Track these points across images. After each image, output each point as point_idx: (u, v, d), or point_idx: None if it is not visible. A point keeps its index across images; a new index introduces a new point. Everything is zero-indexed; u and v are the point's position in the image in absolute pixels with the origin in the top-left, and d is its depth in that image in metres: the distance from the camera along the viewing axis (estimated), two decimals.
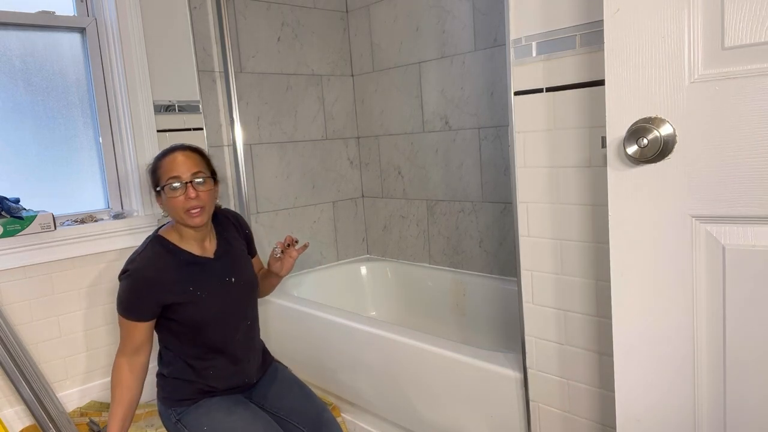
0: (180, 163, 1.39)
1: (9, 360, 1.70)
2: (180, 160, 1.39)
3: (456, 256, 2.37)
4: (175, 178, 1.37)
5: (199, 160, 1.43)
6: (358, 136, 2.72)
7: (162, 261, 1.41)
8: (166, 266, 1.40)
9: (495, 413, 1.46)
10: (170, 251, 1.43)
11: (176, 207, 1.38)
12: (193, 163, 1.41)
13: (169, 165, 1.39)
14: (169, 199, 1.38)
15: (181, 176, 1.38)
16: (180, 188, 1.37)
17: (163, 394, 1.51)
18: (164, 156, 1.43)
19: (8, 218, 1.72)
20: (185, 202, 1.37)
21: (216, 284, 1.47)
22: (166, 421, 1.50)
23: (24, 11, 1.86)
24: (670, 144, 0.86)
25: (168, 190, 1.37)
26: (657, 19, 0.85)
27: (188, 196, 1.37)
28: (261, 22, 2.34)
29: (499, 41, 2.03)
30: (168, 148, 1.46)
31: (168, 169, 1.39)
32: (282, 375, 1.64)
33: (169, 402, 1.49)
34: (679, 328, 0.91)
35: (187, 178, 1.38)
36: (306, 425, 1.52)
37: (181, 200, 1.37)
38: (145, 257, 1.41)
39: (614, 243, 0.95)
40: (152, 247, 1.43)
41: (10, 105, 1.86)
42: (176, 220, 1.43)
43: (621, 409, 1.00)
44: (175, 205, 1.38)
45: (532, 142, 1.26)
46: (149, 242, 1.45)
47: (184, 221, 1.40)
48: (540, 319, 1.33)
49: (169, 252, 1.43)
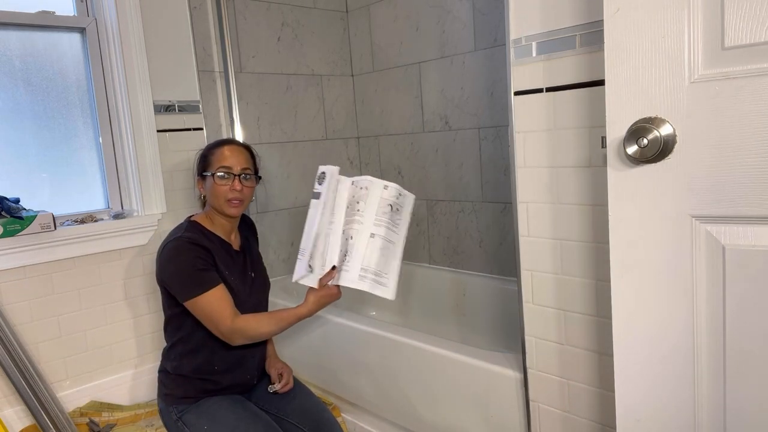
0: (234, 155, 1.49)
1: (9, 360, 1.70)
2: (234, 153, 1.50)
3: (456, 256, 2.37)
4: (226, 168, 1.47)
5: (249, 157, 1.54)
6: (358, 136, 2.72)
7: (204, 240, 1.46)
8: (207, 244, 1.45)
9: (495, 413, 1.46)
10: (206, 235, 1.49)
11: (219, 194, 1.46)
12: (245, 158, 1.51)
13: (223, 155, 1.49)
14: (216, 186, 1.46)
15: (232, 168, 1.47)
16: (228, 178, 1.46)
17: (164, 392, 1.51)
18: (219, 145, 1.52)
19: (8, 218, 1.72)
20: (229, 192, 1.46)
21: (241, 275, 1.53)
22: (166, 419, 1.50)
23: (24, 11, 1.86)
24: (670, 144, 0.86)
25: (217, 178, 1.46)
26: (657, 19, 0.85)
27: (233, 188, 1.46)
28: (261, 22, 2.34)
29: (499, 41, 2.03)
30: (222, 139, 1.58)
31: (221, 158, 1.48)
32: None
33: (171, 400, 1.49)
34: (679, 328, 0.91)
35: (237, 171, 1.48)
36: (306, 425, 1.52)
37: (225, 189, 1.46)
38: (189, 232, 1.45)
39: (614, 243, 0.95)
40: (190, 229, 1.48)
41: (10, 105, 1.86)
42: (214, 207, 1.50)
43: (621, 409, 1.00)
44: (219, 192, 1.46)
45: (532, 142, 1.26)
46: (186, 226, 1.49)
47: (222, 209, 1.47)
48: (540, 319, 1.33)
49: (206, 235, 1.49)
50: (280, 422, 1.51)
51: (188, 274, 1.39)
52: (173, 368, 1.50)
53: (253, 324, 1.40)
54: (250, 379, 1.57)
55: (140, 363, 2.08)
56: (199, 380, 1.48)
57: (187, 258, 1.39)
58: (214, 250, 1.46)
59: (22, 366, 1.73)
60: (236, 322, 1.38)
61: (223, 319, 1.38)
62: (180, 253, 1.41)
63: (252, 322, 1.41)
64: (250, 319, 1.41)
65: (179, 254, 1.41)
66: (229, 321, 1.38)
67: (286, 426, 1.52)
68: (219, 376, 1.49)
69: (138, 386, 2.06)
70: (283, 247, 2.47)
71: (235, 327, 1.38)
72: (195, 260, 1.39)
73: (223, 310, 1.38)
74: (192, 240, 1.42)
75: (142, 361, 2.08)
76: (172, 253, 1.42)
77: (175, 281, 1.41)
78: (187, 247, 1.40)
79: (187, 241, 1.42)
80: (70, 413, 1.89)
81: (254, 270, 1.59)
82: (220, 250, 1.49)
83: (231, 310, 1.39)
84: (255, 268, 1.60)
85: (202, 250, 1.41)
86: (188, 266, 1.39)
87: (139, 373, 2.07)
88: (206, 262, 1.41)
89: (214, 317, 1.38)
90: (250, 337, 1.41)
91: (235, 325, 1.38)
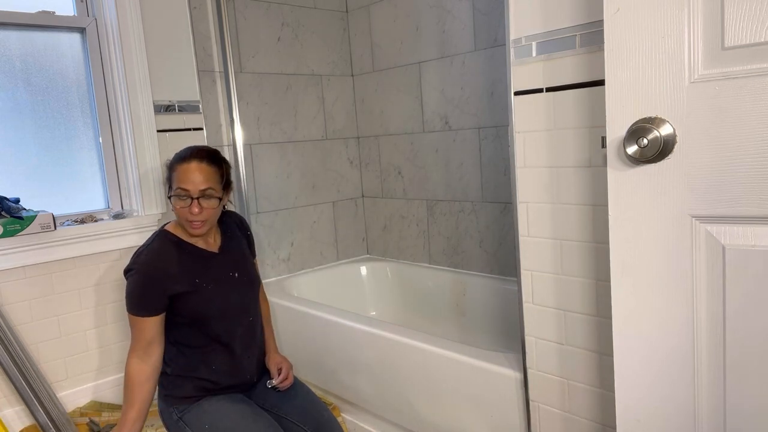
0: (193, 175, 1.40)
1: (9, 360, 1.70)
2: (193, 173, 1.40)
3: (456, 256, 2.37)
4: (184, 190, 1.40)
5: (212, 174, 1.43)
6: (358, 136, 2.72)
7: (168, 253, 1.45)
8: (172, 258, 1.45)
9: (495, 413, 1.46)
10: (176, 244, 1.48)
11: (180, 215, 1.44)
12: (205, 178, 1.41)
13: (183, 175, 1.41)
14: (175, 206, 1.43)
15: (190, 191, 1.40)
16: (186, 200, 1.41)
17: (164, 392, 1.51)
18: (181, 161, 1.43)
19: (8, 218, 1.72)
20: (189, 215, 1.41)
21: (220, 277, 1.51)
22: (167, 419, 1.50)
23: (24, 11, 1.86)
24: (670, 144, 0.86)
25: (175, 199, 1.43)
26: (657, 18, 0.85)
27: (191, 211, 1.40)
28: (261, 22, 2.34)
29: (499, 41, 2.03)
30: (187, 151, 1.45)
31: (180, 178, 1.41)
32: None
33: (171, 400, 1.49)
34: (679, 328, 0.91)
35: (195, 194, 1.40)
36: (307, 424, 1.52)
37: (185, 211, 1.41)
38: (151, 250, 1.45)
39: (614, 243, 0.95)
40: (158, 240, 1.48)
41: (10, 105, 1.86)
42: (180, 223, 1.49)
43: (621, 409, 1.00)
44: (179, 213, 1.44)
45: (532, 142, 1.26)
46: (155, 237, 1.49)
47: (186, 228, 1.47)
48: (540, 319, 1.33)
49: (175, 245, 1.48)
50: (280, 421, 1.51)
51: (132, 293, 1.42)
52: (171, 370, 1.50)
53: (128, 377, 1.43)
54: (249, 378, 1.57)
55: None
56: (198, 380, 1.48)
57: (138, 280, 1.41)
58: (181, 261, 1.45)
59: (22, 366, 1.73)
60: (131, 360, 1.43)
61: (134, 346, 1.44)
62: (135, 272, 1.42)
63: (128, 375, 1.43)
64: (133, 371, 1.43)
65: (135, 272, 1.42)
66: (133, 353, 1.43)
67: (287, 425, 1.52)
68: (217, 375, 1.49)
69: None
70: (283, 247, 2.47)
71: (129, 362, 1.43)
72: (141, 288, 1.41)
73: (138, 340, 1.43)
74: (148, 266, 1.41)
75: None
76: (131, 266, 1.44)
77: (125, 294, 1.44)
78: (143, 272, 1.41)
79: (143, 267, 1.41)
80: (70, 413, 1.89)
81: (237, 269, 1.56)
82: (189, 257, 1.47)
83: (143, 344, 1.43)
84: (238, 267, 1.57)
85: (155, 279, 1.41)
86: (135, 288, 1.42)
87: None
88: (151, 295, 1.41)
89: (132, 340, 1.44)
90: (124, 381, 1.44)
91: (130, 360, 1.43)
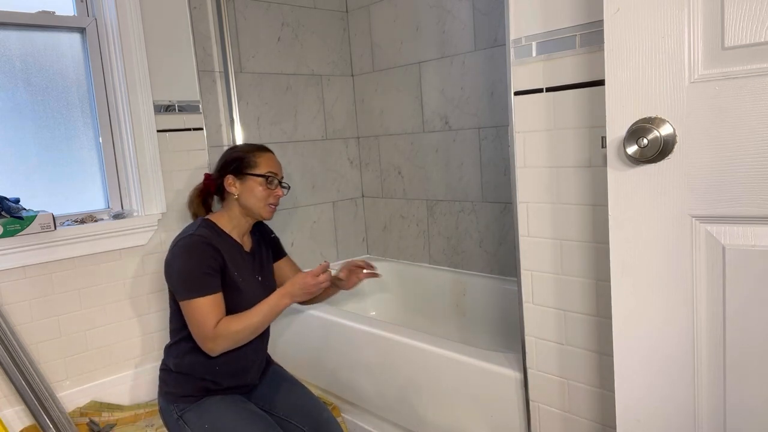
0: (278, 163, 1.59)
1: (9, 360, 1.70)
2: (277, 162, 1.59)
3: (456, 256, 2.37)
4: (275, 174, 1.55)
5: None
6: (358, 136, 2.72)
7: (216, 239, 1.47)
8: (219, 244, 1.46)
9: (495, 413, 1.46)
10: (220, 234, 1.50)
11: (261, 197, 1.52)
12: (282, 168, 1.61)
13: (272, 161, 1.57)
14: (259, 188, 1.52)
15: (278, 175, 1.57)
16: (273, 183, 1.54)
17: (165, 389, 1.51)
18: (263, 150, 1.58)
19: (8, 218, 1.72)
20: (271, 197, 1.54)
21: (250, 277, 1.54)
22: (167, 417, 1.50)
23: (24, 11, 1.86)
24: (670, 144, 0.86)
25: (261, 181, 1.52)
26: (657, 18, 0.85)
27: (276, 194, 1.55)
28: (261, 22, 2.34)
29: (499, 41, 2.03)
30: (258, 144, 1.62)
31: (270, 164, 1.56)
32: (281, 376, 1.65)
33: (172, 398, 1.49)
34: (679, 328, 0.91)
35: (280, 178, 1.57)
36: (306, 425, 1.52)
37: (267, 193, 1.53)
38: (202, 232, 1.46)
39: (614, 243, 0.95)
40: (205, 228, 1.48)
41: (10, 105, 1.86)
42: (247, 207, 1.52)
43: (621, 409, 1.00)
44: (261, 194, 1.52)
45: (532, 142, 1.26)
46: (200, 224, 1.50)
47: (260, 212, 1.53)
48: (540, 319, 1.33)
49: (219, 235, 1.50)
50: (280, 422, 1.51)
51: (191, 276, 1.39)
52: (175, 365, 1.50)
53: (233, 322, 1.40)
54: (251, 381, 1.57)
55: (140, 363, 2.08)
56: (201, 379, 1.48)
57: (194, 258, 1.40)
58: (225, 249, 1.46)
59: (22, 366, 1.73)
60: (218, 327, 1.39)
61: (208, 324, 1.38)
62: (190, 252, 1.41)
63: (232, 320, 1.41)
64: (230, 319, 1.41)
65: (189, 253, 1.41)
66: (213, 326, 1.38)
67: (286, 426, 1.52)
68: (220, 376, 1.49)
69: (138, 386, 2.06)
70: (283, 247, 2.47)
71: (217, 331, 1.38)
72: (201, 263, 1.39)
73: (210, 315, 1.38)
74: (204, 238, 1.43)
75: (142, 361, 2.08)
76: (182, 250, 1.43)
77: (178, 279, 1.42)
78: (198, 247, 1.41)
79: (199, 239, 1.42)
80: (70, 413, 1.89)
81: (262, 274, 1.61)
82: (232, 249, 1.50)
83: (219, 316, 1.40)
84: (263, 272, 1.62)
85: (213, 250, 1.42)
86: (194, 267, 1.40)
87: (139, 373, 2.07)
88: (213, 266, 1.41)
89: (201, 321, 1.38)
90: (233, 336, 1.39)
91: (217, 329, 1.38)
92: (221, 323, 1.39)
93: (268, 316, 1.43)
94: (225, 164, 1.56)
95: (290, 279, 1.47)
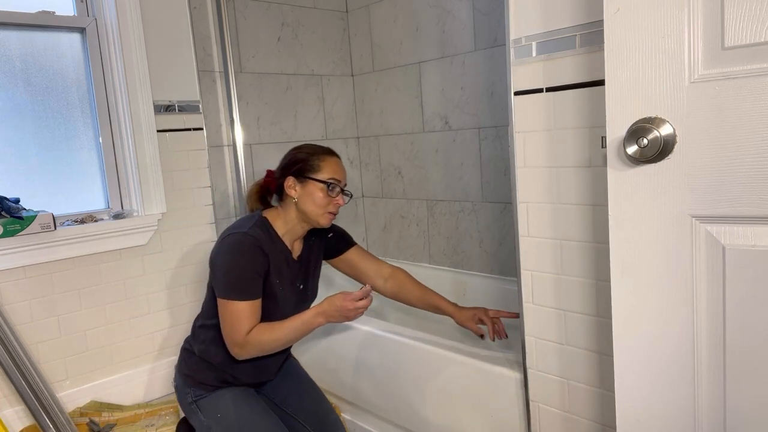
0: (343, 170, 1.50)
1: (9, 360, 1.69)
2: (342, 168, 1.51)
3: (456, 256, 2.37)
4: (339, 182, 1.47)
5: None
6: (358, 136, 2.72)
7: (267, 243, 1.43)
8: (269, 249, 1.42)
9: (495, 413, 1.46)
10: (272, 237, 1.46)
11: (321, 203, 1.44)
12: (346, 175, 1.52)
13: (337, 167, 1.48)
14: (319, 194, 1.44)
15: (342, 182, 1.48)
16: (336, 190, 1.46)
17: (185, 371, 1.51)
18: (329, 154, 1.50)
19: (8, 218, 1.71)
20: (331, 205, 1.46)
21: (291, 286, 1.50)
22: (181, 398, 1.51)
23: (24, 11, 1.86)
24: (670, 144, 0.86)
25: (326, 187, 1.44)
26: (657, 18, 0.85)
27: (337, 202, 1.47)
28: (261, 22, 2.34)
29: (499, 41, 2.03)
30: (326, 147, 1.53)
31: (335, 170, 1.47)
32: (296, 371, 1.66)
33: (190, 381, 1.49)
34: (679, 328, 0.91)
35: (343, 187, 1.49)
36: (312, 425, 1.53)
37: (327, 200, 1.45)
38: (256, 232, 1.41)
39: (614, 243, 0.95)
40: (259, 228, 1.44)
41: (10, 105, 1.86)
42: (305, 212, 1.46)
43: (621, 409, 1.00)
44: (321, 201, 1.44)
45: (532, 142, 1.26)
46: (256, 221, 1.45)
47: (317, 219, 1.45)
48: (540, 319, 1.33)
49: (271, 238, 1.45)
50: (287, 418, 1.53)
51: (236, 277, 1.37)
52: (199, 351, 1.49)
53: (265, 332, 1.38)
54: (267, 378, 1.58)
55: (140, 363, 2.08)
56: (221, 371, 1.48)
57: (242, 260, 1.37)
58: (273, 255, 1.43)
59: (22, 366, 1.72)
60: (250, 335, 1.37)
61: (241, 330, 1.36)
62: (239, 251, 1.38)
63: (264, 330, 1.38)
64: (262, 328, 1.39)
65: (238, 252, 1.38)
66: (245, 333, 1.36)
67: (292, 423, 1.53)
68: (240, 372, 1.49)
69: (138, 386, 2.06)
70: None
71: (248, 339, 1.36)
72: (248, 266, 1.36)
73: (245, 321, 1.36)
74: (257, 241, 1.38)
75: (142, 361, 2.08)
76: (232, 246, 1.39)
77: (221, 276, 1.39)
78: (249, 249, 1.37)
79: (252, 241, 1.38)
80: (70, 413, 1.89)
81: (304, 282, 1.56)
82: (279, 256, 1.46)
83: (253, 324, 1.38)
84: (307, 281, 1.57)
85: (262, 255, 1.38)
86: (239, 269, 1.37)
87: (139, 373, 2.07)
88: (258, 271, 1.38)
89: (235, 325, 1.36)
90: (261, 346, 1.38)
91: (248, 337, 1.36)
92: (253, 332, 1.37)
93: (299, 331, 1.39)
94: (288, 164, 1.50)
95: (329, 297, 1.39)
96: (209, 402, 1.46)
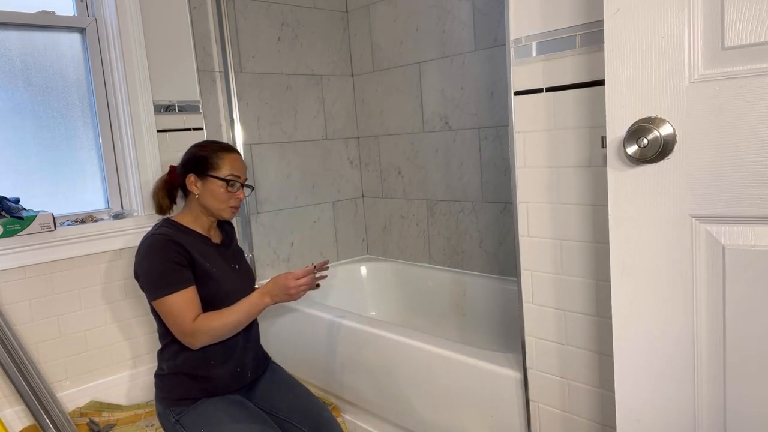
0: (241, 165, 1.55)
1: (9, 360, 1.70)
2: (241, 163, 1.56)
3: (456, 256, 2.37)
4: (237, 177, 1.52)
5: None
6: (358, 136, 2.72)
7: (179, 235, 1.47)
8: (184, 240, 1.46)
9: (495, 413, 1.46)
10: (184, 231, 1.51)
11: (222, 199, 1.50)
12: (246, 169, 1.58)
13: (236, 163, 1.53)
14: (219, 190, 1.50)
15: (241, 178, 1.54)
16: (235, 186, 1.52)
17: (161, 395, 1.51)
18: (228, 151, 1.54)
19: (8, 218, 1.72)
20: (232, 200, 1.52)
21: (225, 267, 1.54)
22: (164, 422, 1.50)
23: (24, 11, 1.86)
24: (670, 144, 0.86)
25: (222, 184, 1.49)
26: (657, 18, 0.85)
27: (237, 197, 1.53)
28: (261, 22, 2.34)
29: (499, 41, 2.03)
30: (225, 144, 1.58)
31: (234, 166, 1.52)
32: (280, 375, 1.64)
33: (168, 402, 1.48)
34: (679, 328, 0.91)
35: (242, 181, 1.54)
36: (305, 425, 1.52)
37: (228, 195, 1.51)
38: (163, 231, 1.46)
39: (614, 243, 0.95)
40: (166, 227, 1.49)
41: (10, 105, 1.86)
42: (208, 208, 1.52)
43: (621, 409, 1.00)
44: (222, 197, 1.50)
45: (532, 142, 1.26)
46: (161, 223, 1.51)
47: (221, 213, 1.53)
48: (540, 319, 1.33)
49: (183, 231, 1.50)
50: (279, 422, 1.51)
51: (157, 273, 1.40)
52: (169, 367, 1.49)
53: (213, 318, 1.41)
54: (244, 371, 1.55)
55: (140, 363, 2.08)
56: (196, 379, 1.47)
57: (157, 257, 1.41)
58: (191, 243, 1.46)
59: (22, 366, 1.73)
60: (197, 321, 1.39)
61: (185, 319, 1.38)
62: (151, 251, 1.42)
63: (212, 316, 1.42)
64: (210, 315, 1.42)
65: (151, 252, 1.42)
66: (191, 321, 1.39)
67: (286, 426, 1.51)
68: (215, 370, 1.48)
69: (138, 386, 2.06)
70: (283, 247, 2.47)
71: (196, 326, 1.39)
72: (165, 259, 1.40)
73: (186, 310, 1.39)
74: (166, 236, 1.43)
75: (141, 361, 2.08)
76: (145, 251, 1.43)
77: (145, 279, 1.42)
78: (160, 245, 1.41)
79: (161, 237, 1.43)
80: (70, 413, 1.89)
81: (238, 262, 1.62)
82: (197, 242, 1.50)
83: (196, 312, 1.40)
84: (238, 260, 1.62)
85: (176, 245, 1.42)
86: (157, 265, 1.40)
87: (138, 373, 2.07)
88: (178, 261, 1.41)
89: (178, 317, 1.39)
90: (212, 332, 1.40)
91: (195, 324, 1.39)
92: (200, 319, 1.39)
93: (248, 313, 1.44)
94: (188, 162, 1.54)
95: (273, 278, 1.48)
96: (192, 418, 1.44)
